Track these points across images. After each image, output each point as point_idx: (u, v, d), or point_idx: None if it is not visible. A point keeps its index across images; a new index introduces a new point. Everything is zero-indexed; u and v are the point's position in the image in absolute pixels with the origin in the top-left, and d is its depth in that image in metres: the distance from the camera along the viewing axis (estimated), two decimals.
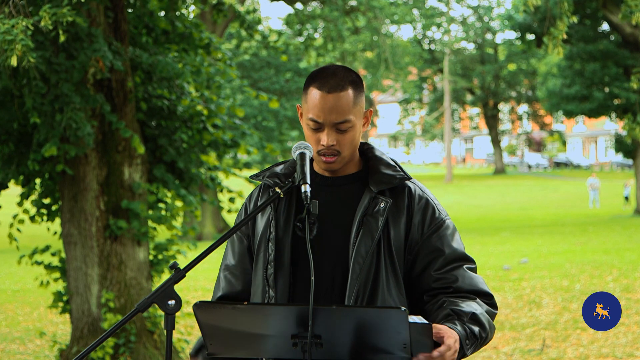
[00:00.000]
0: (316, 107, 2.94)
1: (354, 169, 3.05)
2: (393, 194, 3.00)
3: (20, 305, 14.28)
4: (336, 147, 2.95)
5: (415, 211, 3.00)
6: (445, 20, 57.78)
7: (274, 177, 3.05)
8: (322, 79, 2.96)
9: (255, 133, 9.64)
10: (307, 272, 2.92)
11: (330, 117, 2.93)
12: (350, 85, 2.96)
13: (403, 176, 3.02)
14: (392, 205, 2.99)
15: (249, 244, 3.09)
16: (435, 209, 3.02)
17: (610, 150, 75.91)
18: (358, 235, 2.94)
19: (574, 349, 9.45)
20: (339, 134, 2.94)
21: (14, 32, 6.53)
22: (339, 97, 2.93)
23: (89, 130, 7.66)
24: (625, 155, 31.73)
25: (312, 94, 2.96)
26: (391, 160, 3.07)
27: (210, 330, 2.77)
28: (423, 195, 3.03)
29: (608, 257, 17.34)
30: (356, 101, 2.97)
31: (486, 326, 2.92)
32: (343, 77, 2.96)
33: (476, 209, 36.86)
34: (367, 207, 2.96)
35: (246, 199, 3.16)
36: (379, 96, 75.60)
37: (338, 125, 2.93)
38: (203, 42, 9.02)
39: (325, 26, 29.05)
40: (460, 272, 2.99)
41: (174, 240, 8.78)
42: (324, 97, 2.93)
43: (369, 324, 2.67)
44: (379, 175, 3.00)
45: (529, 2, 10.00)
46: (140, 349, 8.23)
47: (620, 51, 29.68)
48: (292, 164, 3.08)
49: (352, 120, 2.95)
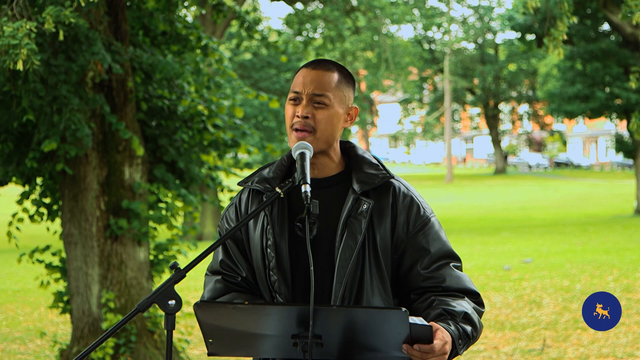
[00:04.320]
0: (298, 80, 2.98)
1: (337, 170, 3.04)
2: (377, 193, 3.00)
3: (21, 305, 14.28)
4: (310, 122, 2.94)
5: (399, 210, 2.99)
6: (446, 20, 57.74)
7: (263, 182, 3.03)
8: (311, 62, 3.02)
9: (256, 133, 9.64)
10: (305, 274, 2.93)
11: (309, 87, 2.95)
12: (337, 70, 3.00)
13: (385, 175, 3.01)
14: (376, 205, 2.98)
15: (244, 249, 3.08)
16: (420, 207, 3.02)
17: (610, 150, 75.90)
18: (342, 237, 2.94)
19: (575, 349, 9.45)
20: (314, 109, 2.95)
21: (18, 36, 6.53)
22: (323, 73, 2.97)
23: (87, 131, 7.67)
24: (625, 155, 31.70)
25: (298, 73, 3.01)
26: (374, 158, 3.06)
27: (211, 330, 2.77)
28: (408, 194, 3.02)
29: (608, 257, 17.34)
30: (339, 86, 2.98)
31: (477, 325, 2.94)
32: (332, 63, 3.00)
33: (476, 209, 36.84)
34: (350, 209, 2.96)
35: (233, 203, 3.11)
36: (379, 96, 75.56)
37: (315, 97, 2.95)
38: (200, 44, 9.03)
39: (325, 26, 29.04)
40: (448, 270, 2.99)
41: (174, 240, 8.78)
42: (307, 71, 2.99)
43: (369, 325, 2.67)
44: (361, 175, 2.99)
45: (528, 4, 9.99)
46: (140, 349, 8.23)
47: (621, 51, 29.66)
48: (279, 166, 3.06)
49: (331, 99, 2.96)
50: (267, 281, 2.99)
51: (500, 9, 63.39)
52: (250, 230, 3.04)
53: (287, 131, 2.98)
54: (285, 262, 2.97)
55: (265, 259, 2.99)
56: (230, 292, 3.04)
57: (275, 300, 2.98)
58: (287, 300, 2.97)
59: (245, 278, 3.05)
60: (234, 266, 3.05)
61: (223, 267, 3.07)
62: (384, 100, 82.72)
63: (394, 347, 2.71)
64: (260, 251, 3.01)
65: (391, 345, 2.71)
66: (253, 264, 3.04)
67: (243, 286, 3.04)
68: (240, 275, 3.05)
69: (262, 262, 3.01)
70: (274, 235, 2.98)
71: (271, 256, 2.98)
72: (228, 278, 3.06)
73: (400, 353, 2.72)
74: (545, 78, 43.41)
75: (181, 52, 8.97)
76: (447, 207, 37.79)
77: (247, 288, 3.05)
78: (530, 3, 9.97)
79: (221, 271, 3.07)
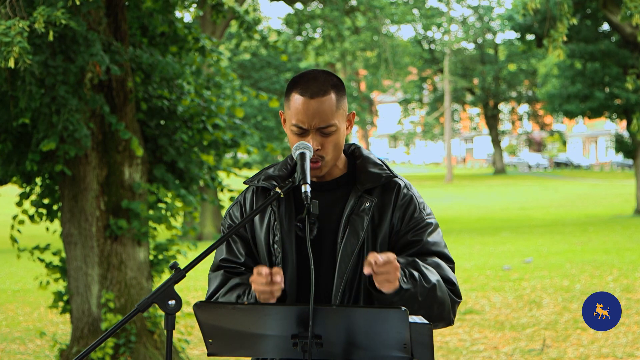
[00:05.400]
0: (299, 112, 2.95)
1: (340, 172, 3.07)
2: (380, 192, 3.03)
3: (21, 305, 14.28)
4: (320, 152, 2.96)
5: (398, 206, 3.03)
6: (446, 20, 57.75)
7: (269, 180, 3.07)
8: (304, 84, 2.96)
9: (256, 133, 9.64)
10: (308, 273, 2.94)
11: (314, 122, 2.94)
12: (332, 89, 2.98)
13: (389, 174, 3.05)
14: (378, 203, 3.01)
15: (249, 246, 3.09)
16: (418, 208, 3.05)
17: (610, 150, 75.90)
18: (344, 234, 2.97)
19: (574, 349, 9.45)
20: (323, 138, 2.96)
21: (11, 34, 6.53)
22: (322, 101, 2.95)
23: (86, 132, 7.67)
24: (625, 156, 31.71)
25: (294, 99, 2.97)
26: (378, 159, 3.10)
27: (211, 330, 2.77)
28: (408, 193, 3.06)
29: (608, 257, 17.34)
30: (339, 105, 2.98)
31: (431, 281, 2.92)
32: (324, 82, 2.97)
33: (476, 209, 36.85)
34: (353, 206, 3.00)
35: (237, 201, 3.14)
36: (379, 96, 75.58)
37: (322, 129, 2.95)
38: (197, 45, 9.03)
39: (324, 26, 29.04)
40: (435, 260, 3.01)
41: (174, 240, 8.78)
42: (306, 103, 2.94)
43: (369, 324, 2.68)
44: (366, 174, 3.03)
45: (528, 5, 9.99)
46: (140, 349, 8.23)
47: (620, 51, 29.67)
48: (284, 165, 3.10)
49: (336, 124, 2.97)
50: None
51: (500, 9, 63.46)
52: (257, 227, 3.07)
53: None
54: (292, 258, 3.00)
55: (272, 255, 3.02)
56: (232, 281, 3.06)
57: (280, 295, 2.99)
58: (291, 296, 2.98)
59: (245, 265, 3.07)
60: (234, 258, 3.08)
61: (224, 263, 3.09)
62: (383, 100, 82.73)
63: (393, 347, 2.71)
64: (267, 248, 3.03)
65: (391, 344, 2.71)
66: (259, 260, 3.05)
67: (245, 274, 3.06)
68: (242, 265, 3.07)
69: (268, 258, 3.03)
70: (281, 231, 3.01)
71: (277, 252, 3.00)
72: (229, 269, 3.08)
73: (401, 352, 2.72)
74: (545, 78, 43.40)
75: (178, 53, 8.97)
76: (447, 207, 37.80)
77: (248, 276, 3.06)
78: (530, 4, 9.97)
79: (223, 266, 3.09)
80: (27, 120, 7.64)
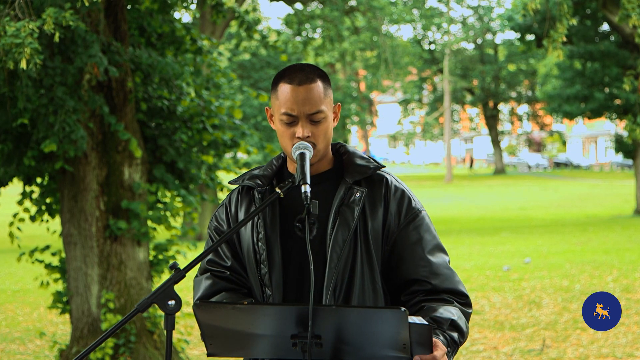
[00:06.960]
0: (289, 100, 2.97)
1: (328, 166, 3.09)
2: (369, 184, 3.05)
3: (20, 305, 14.28)
4: (311, 139, 2.97)
5: (391, 201, 3.04)
6: (445, 21, 57.74)
7: (254, 179, 3.09)
8: (290, 74, 3.00)
9: (255, 133, 9.64)
10: (297, 270, 2.98)
11: (304, 108, 2.96)
12: (319, 78, 3.01)
13: (376, 166, 3.07)
14: (369, 194, 3.03)
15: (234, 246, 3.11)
16: (412, 200, 3.08)
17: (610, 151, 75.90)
18: (335, 225, 2.98)
19: (574, 349, 9.45)
20: (313, 126, 2.98)
21: (21, 35, 6.56)
22: (310, 88, 2.97)
23: (82, 133, 7.67)
24: (625, 156, 31.71)
25: (282, 89, 2.99)
26: (364, 154, 3.12)
27: (210, 330, 2.77)
28: (399, 186, 3.08)
29: (608, 257, 17.34)
30: (326, 93, 3.02)
31: (464, 331, 2.98)
32: (310, 71, 3.00)
33: (476, 209, 36.84)
34: (342, 197, 3.01)
35: (223, 203, 3.16)
36: (379, 96, 75.56)
37: (312, 116, 2.97)
38: (194, 46, 9.03)
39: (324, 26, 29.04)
40: (437, 266, 3.02)
41: (173, 240, 8.78)
42: (295, 90, 2.97)
43: (368, 324, 2.68)
44: (354, 167, 3.06)
45: (528, 6, 10.00)
46: (140, 349, 8.23)
47: (620, 51, 29.67)
48: (269, 165, 3.13)
49: (325, 111, 2.99)
50: (258, 275, 3.02)
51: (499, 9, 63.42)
52: None
53: (284, 149, 2.99)
54: (277, 255, 3.01)
55: (257, 253, 3.03)
56: (219, 287, 3.08)
57: (264, 294, 3.02)
58: (277, 294, 2.99)
59: (232, 269, 3.08)
60: (221, 261, 3.10)
61: (210, 264, 3.11)
62: (383, 100, 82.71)
63: (393, 347, 2.71)
64: (252, 246, 3.05)
65: (391, 344, 2.71)
66: (244, 260, 3.07)
67: (232, 280, 3.09)
68: (228, 269, 3.09)
69: (253, 256, 3.04)
70: (265, 229, 3.02)
71: (262, 249, 3.02)
72: (216, 273, 3.11)
73: (401, 353, 2.72)
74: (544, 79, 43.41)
75: (175, 55, 8.98)
76: (447, 207, 37.78)
77: (235, 281, 3.09)
78: (530, 5, 9.97)
79: (209, 268, 3.11)
80: (26, 120, 7.65)
